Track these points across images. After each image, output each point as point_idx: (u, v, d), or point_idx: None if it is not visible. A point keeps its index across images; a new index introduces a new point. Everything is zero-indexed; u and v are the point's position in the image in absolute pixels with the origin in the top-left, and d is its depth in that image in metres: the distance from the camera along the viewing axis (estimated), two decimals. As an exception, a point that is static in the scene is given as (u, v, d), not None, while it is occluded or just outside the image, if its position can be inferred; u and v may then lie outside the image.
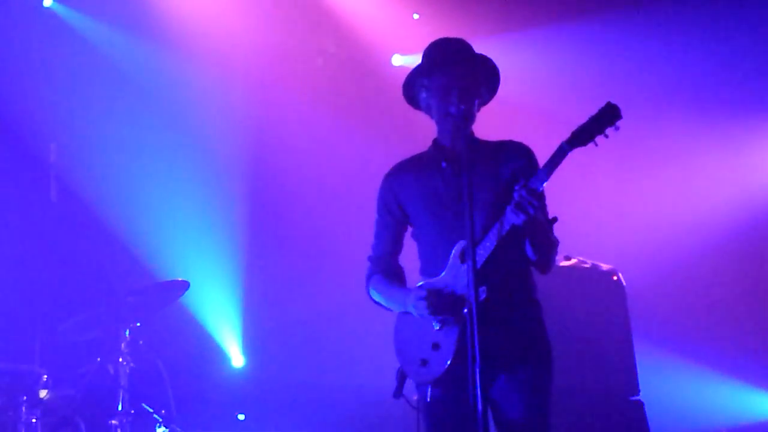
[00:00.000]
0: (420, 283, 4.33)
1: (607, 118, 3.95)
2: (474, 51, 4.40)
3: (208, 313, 8.45)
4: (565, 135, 4.01)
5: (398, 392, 4.31)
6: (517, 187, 4.00)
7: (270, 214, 8.96)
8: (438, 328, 4.18)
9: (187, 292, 6.76)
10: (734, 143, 8.94)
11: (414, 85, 4.44)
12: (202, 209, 8.55)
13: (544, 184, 4.02)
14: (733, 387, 8.67)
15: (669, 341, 8.59)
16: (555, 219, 4.17)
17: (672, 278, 8.83)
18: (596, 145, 3.96)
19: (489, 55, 4.41)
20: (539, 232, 4.16)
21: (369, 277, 4.57)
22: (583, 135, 3.96)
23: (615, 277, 6.93)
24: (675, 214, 8.94)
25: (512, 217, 4.01)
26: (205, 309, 8.39)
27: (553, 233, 4.24)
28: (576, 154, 4.03)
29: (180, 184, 8.45)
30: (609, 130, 3.96)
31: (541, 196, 4.07)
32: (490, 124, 4.63)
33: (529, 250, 4.22)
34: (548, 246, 4.25)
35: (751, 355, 8.64)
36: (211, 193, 8.64)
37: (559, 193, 4.28)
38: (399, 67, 9.11)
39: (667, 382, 8.20)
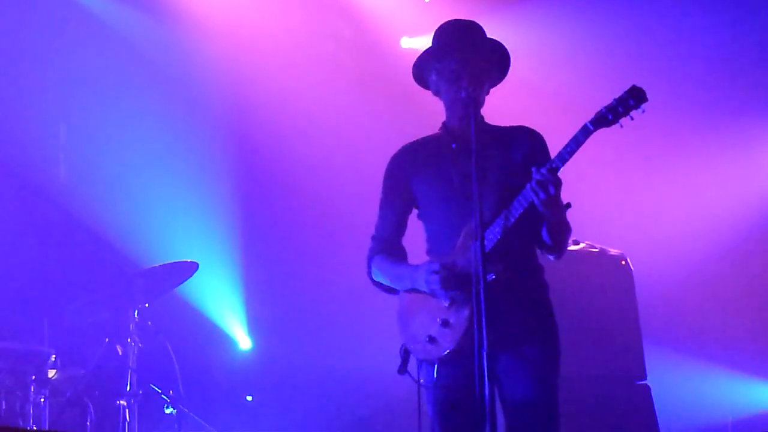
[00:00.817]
0: (428, 260, 4.31)
1: (633, 100, 3.91)
2: (485, 34, 4.40)
3: (214, 296, 8.45)
4: (577, 115, 3.99)
5: (403, 368, 4.29)
6: (535, 168, 3.99)
7: (275, 197, 8.97)
8: (448, 305, 4.18)
9: (193, 276, 6.77)
10: (748, 136, 8.89)
11: (424, 67, 4.43)
12: (207, 192, 8.54)
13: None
14: (738, 377, 8.66)
15: (676, 327, 8.58)
16: (569, 204, 4.11)
17: (680, 264, 8.82)
18: (621, 126, 3.93)
19: (500, 37, 4.40)
20: (557, 214, 4.12)
21: (371, 257, 4.53)
22: (609, 115, 3.93)
23: (623, 262, 6.92)
24: (685, 201, 8.91)
25: (531, 195, 4.00)
26: (210, 292, 8.39)
27: (566, 217, 4.20)
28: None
29: (187, 167, 8.44)
30: (635, 113, 3.92)
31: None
32: (502, 104, 4.62)
33: (545, 234, 4.21)
34: (564, 230, 4.24)
35: (756, 346, 8.60)
36: (216, 176, 8.64)
37: (568, 177, 4.25)
38: (408, 49, 9.06)
39: (674, 368, 8.19)
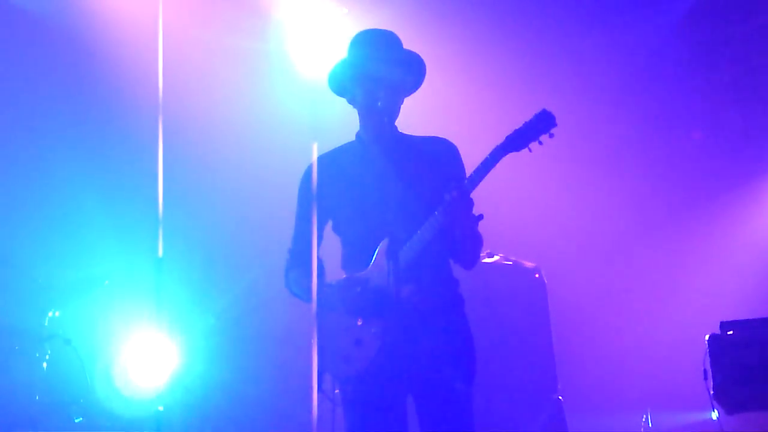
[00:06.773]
0: (343, 278, 4.31)
1: (542, 125, 3.98)
2: (401, 45, 4.41)
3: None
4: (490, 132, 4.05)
5: (318, 387, 4.23)
6: (447, 190, 4.03)
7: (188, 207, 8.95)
8: (361, 324, 4.17)
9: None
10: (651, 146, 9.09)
11: (340, 75, 4.41)
12: (118, 201, 8.41)
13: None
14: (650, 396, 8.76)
15: (588, 341, 8.68)
16: (481, 216, 4.14)
17: (594, 278, 8.93)
18: (530, 150, 4.00)
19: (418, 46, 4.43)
20: (467, 233, 4.17)
21: (288, 270, 4.50)
22: (518, 140, 4.00)
23: (537, 275, 7.01)
24: (600, 216, 9.03)
25: (441, 219, 4.04)
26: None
27: (478, 231, 4.25)
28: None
29: (97, 174, 8.27)
30: (543, 138, 3.99)
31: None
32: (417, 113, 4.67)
33: (454, 249, 4.25)
34: (476, 244, 4.28)
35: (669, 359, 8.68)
36: (129, 184, 8.54)
37: (485, 188, 4.29)
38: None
39: (585, 382, 8.27)
